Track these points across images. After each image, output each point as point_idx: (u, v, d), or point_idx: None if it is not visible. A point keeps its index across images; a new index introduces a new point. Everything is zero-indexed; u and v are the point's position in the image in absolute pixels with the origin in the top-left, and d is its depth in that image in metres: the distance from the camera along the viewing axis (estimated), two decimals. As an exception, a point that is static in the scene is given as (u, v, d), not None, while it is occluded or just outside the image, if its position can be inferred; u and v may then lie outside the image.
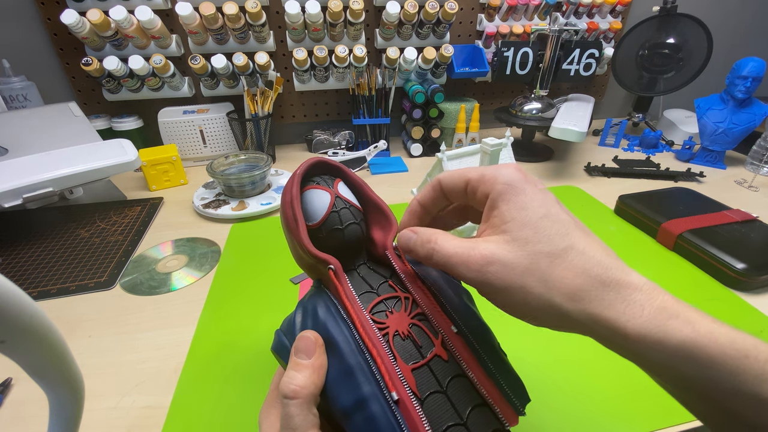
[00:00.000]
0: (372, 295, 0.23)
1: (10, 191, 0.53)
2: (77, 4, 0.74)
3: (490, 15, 0.91)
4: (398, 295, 0.23)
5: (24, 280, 0.51)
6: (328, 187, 0.25)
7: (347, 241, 0.25)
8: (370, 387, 0.19)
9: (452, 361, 0.20)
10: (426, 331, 0.21)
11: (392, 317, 0.21)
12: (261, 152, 0.73)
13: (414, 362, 0.20)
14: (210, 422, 0.34)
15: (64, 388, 0.21)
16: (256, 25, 0.77)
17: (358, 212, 0.26)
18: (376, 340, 0.20)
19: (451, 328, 0.21)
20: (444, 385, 0.19)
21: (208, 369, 0.39)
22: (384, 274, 0.25)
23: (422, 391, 0.19)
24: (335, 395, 0.20)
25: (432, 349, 0.20)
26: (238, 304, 0.47)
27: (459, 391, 0.19)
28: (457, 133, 0.87)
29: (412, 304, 0.22)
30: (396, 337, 0.21)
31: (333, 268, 0.22)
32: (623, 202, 0.63)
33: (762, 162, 0.79)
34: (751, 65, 0.74)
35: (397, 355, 0.20)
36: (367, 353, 0.20)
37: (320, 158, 0.27)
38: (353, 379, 0.19)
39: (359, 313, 0.21)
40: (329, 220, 0.24)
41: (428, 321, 0.22)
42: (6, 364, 0.25)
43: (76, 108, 0.72)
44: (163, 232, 0.62)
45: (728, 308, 0.45)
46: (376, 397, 0.18)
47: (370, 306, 0.22)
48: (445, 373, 0.20)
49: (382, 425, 0.18)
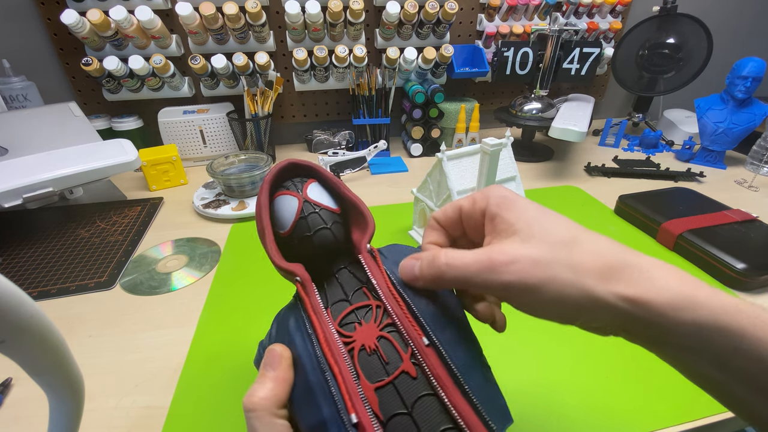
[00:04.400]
0: (345, 304, 0.22)
1: (10, 191, 0.53)
2: (77, 4, 0.74)
3: (490, 15, 0.91)
4: (370, 303, 0.21)
5: (24, 280, 0.51)
6: (297, 192, 0.24)
7: (317, 247, 0.24)
8: (329, 409, 0.18)
9: (421, 378, 0.18)
10: (395, 345, 0.19)
11: (360, 329, 0.20)
12: (261, 152, 0.73)
13: (379, 380, 0.18)
14: (210, 422, 0.34)
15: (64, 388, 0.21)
16: (256, 25, 0.77)
17: (330, 215, 0.24)
18: (339, 357, 0.19)
19: (422, 339, 0.19)
20: (410, 406, 0.17)
21: (208, 369, 0.38)
22: (361, 279, 0.23)
23: (385, 413, 0.17)
24: (299, 414, 0.19)
25: (400, 364, 0.18)
26: (238, 304, 0.47)
27: (427, 413, 0.17)
28: (457, 133, 0.87)
29: (383, 313, 0.20)
30: (362, 352, 0.19)
31: (299, 279, 0.22)
32: (623, 202, 0.63)
33: (762, 162, 0.79)
34: (751, 65, 0.74)
35: (360, 373, 0.18)
36: (328, 372, 0.18)
37: (290, 161, 0.26)
38: (314, 399, 0.18)
39: (324, 328, 0.20)
40: (298, 227, 0.24)
41: (399, 332, 0.20)
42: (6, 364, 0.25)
43: (76, 108, 0.72)
44: (163, 232, 0.62)
45: (728, 308, 0.45)
46: (335, 419, 0.17)
47: (341, 317, 0.21)
48: (413, 391, 0.18)
49: None
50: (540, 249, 0.18)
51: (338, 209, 0.25)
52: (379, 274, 0.22)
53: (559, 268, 0.18)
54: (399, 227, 0.61)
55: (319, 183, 0.26)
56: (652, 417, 0.34)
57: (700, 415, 0.33)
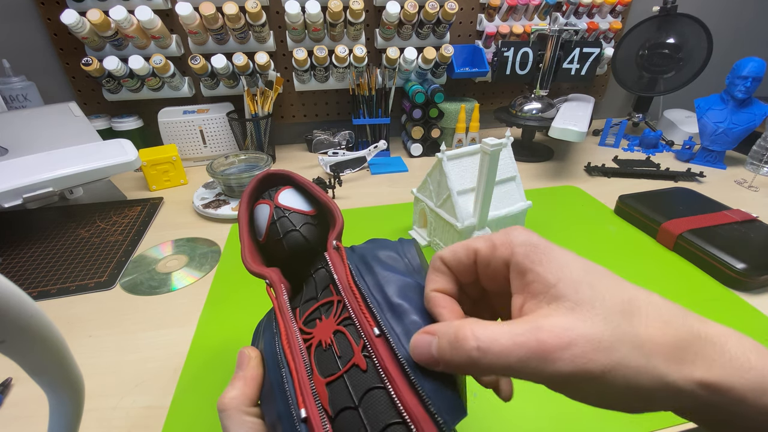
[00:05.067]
0: (313, 301, 0.22)
1: (10, 191, 0.53)
2: (77, 4, 0.74)
3: (490, 15, 0.91)
4: (333, 298, 0.21)
5: (24, 280, 0.51)
6: (269, 199, 0.26)
7: (289, 249, 0.24)
8: (283, 404, 0.18)
9: (371, 371, 0.18)
10: (348, 338, 0.19)
11: (320, 325, 0.20)
12: (261, 152, 0.73)
13: (330, 374, 0.18)
14: (210, 422, 0.34)
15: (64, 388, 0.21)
16: (256, 25, 0.77)
17: (301, 217, 0.25)
18: (297, 353, 0.19)
19: (373, 331, 0.18)
20: (357, 400, 0.17)
21: (208, 369, 0.38)
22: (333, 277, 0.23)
23: (334, 408, 0.17)
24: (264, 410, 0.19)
25: (351, 357, 0.18)
26: (238, 304, 0.47)
27: (374, 407, 0.17)
28: (457, 133, 0.87)
29: (342, 307, 0.20)
30: (318, 347, 0.19)
31: (268, 282, 0.23)
32: (623, 202, 0.63)
33: (762, 162, 0.79)
34: (751, 65, 0.74)
35: (314, 368, 0.18)
36: (285, 368, 0.19)
37: (265, 172, 0.27)
38: (272, 395, 0.18)
39: (287, 325, 0.20)
40: (270, 231, 0.25)
41: (354, 325, 0.19)
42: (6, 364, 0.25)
43: (76, 108, 0.72)
44: (163, 232, 0.62)
45: (728, 308, 0.45)
46: (288, 414, 0.17)
47: (306, 314, 0.21)
48: (361, 385, 0.17)
49: None
50: (597, 324, 0.15)
51: (313, 211, 0.26)
52: (341, 269, 0.22)
53: (624, 349, 0.14)
54: (399, 227, 0.61)
55: (294, 189, 0.27)
56: (652, 417, 0.34)
57: (700, 415, 0.33)
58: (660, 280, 0.50)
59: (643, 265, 0.53)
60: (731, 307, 0.45)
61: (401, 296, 0.20)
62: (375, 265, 0.22)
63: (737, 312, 0.45)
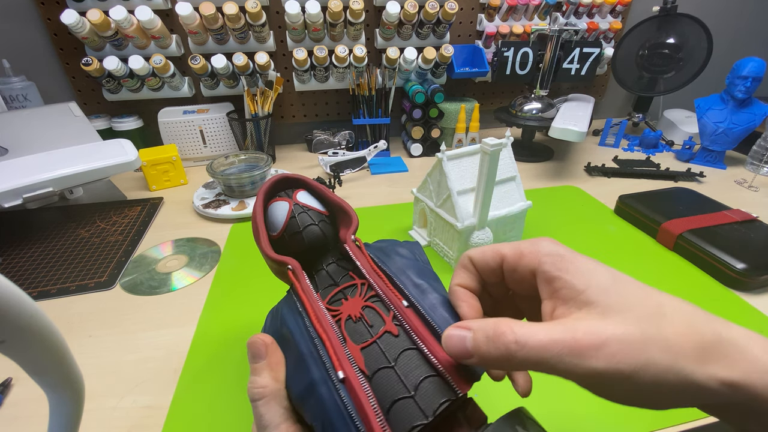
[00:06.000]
0: (333, 287, 0.25)
1: (10, 191, 0.53)
2: (77, 4, 0.74)
3: (490, 15, 0.91)
4: (355, 282, 0.24)
5: (24, 280, 0.51)
6: (287, 197, 0.28)
7: (308, 242, 0.27)
8: (319, 371, 0.19)
9: (403, 336, 0.20)
10: (378, 311, 0.21)
11: (346, 303, 0.22)
12: (261, 152, 0.73)
13: (363, 341, 0.20)
14: (210, 422, 0.34)
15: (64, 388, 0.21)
16: (256, 25, 0.77)
17: (317, 215, 0.28)
18: (327, 326, 0.21)
19: (401, 303, 0.21)
20: (393, 360, 0.19)
21: (208, 369, 0.39)
22: (347, 267, 0.26)
23: (370, 368, 0.19)
24: (291, 384, 0.20)
25: (382, 326, 0.21)
26: (238, 304, 0.47)
27: (409, 365, 0.19)
28: (457, 133, 0.87)
29: (367, 288, 0.23)
30: (348, 321, 0.21)
31: (291, 267, 0.24)
32: (623, 202, 0.63)
33: (762, 162, 0.79)
34: (751, 65, 0.74)
35: (347, 337, 0.20)
36: (317, 339, 0.20)
37: (282, 175, 0.29)
38: (304, 366, 0.20)
39: (314, 304, 0.22)
40: (289, 225, 0.27)
41: (381, 301, 0.22)
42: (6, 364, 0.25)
43: (76, 108, 0.72)
44: (163, 232, 0.62)
45: (728, 308, 0.45)
46: (324, 379, 0.19)
47: (329, 296, 0.23)
48: (395, 347, 0.20)
49: (329, 406, 0.18)
50: (627, 326, 0.16)
51: (326, 212, 0.29)
52: (363, 258, 0.24)
53: (653, 349, 0.15)
54: (399, 227, 0.61)
55: (307, 191, 0.30)
56: (653, 417, 0.34)
57: (700, 414, 0.33)
58: (660, 280, 0.50)
59: (643, 265, 0.53)
60: (731, 307, 0.45)
61: (421, 278, 0.23)
62: (393, 255, 0.25)
63: (737, 312, 0.45)
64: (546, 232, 0.59)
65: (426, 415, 0.17)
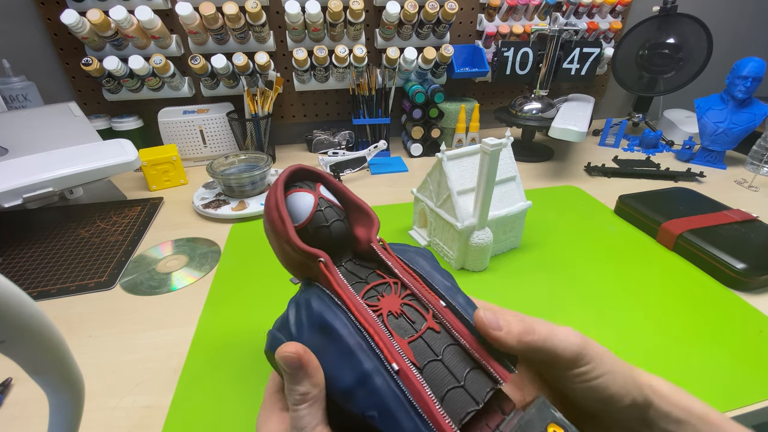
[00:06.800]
0: (362, 284, 0.24)
1: (10, 191, 0.53)
2: (77, 4, 0.74)
3: (490, 15, 0.91)
4: (387, 281, 0.24)
5: (24, 280, 0.51)
6: (311, 189, 0.27)
7: (334, 237, 0.26)
8: (371, 362, 0.20)
9: (444, 332, 0.21)
10: (417, 309, 0.22)
11: (384, 300, 0.23)
12: (261, 152, 0.73)
13: (409, 336, 0.21)
14: (210, 422, 0.34)
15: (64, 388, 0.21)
16: (256, 25, 0.77)
17: (341, 211, 0.28)
18: (372, 320, 0.21)
19: (440, 303, 0.22)
20: (439, 354, 0.20)
21: (208, 369, 0.38)
22: (370, 267, 0.26)
23: (420, 361, 0.20)
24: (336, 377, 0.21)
25: (424, 323, 0.22)
26: (238, 304, 0.47)
27: (454, 358, 0.20)
28: (457, 133, 0.87)
29: (401, 287, 0.24)
30: (390, 316, 0.22)
31: (323, 260, 0.24)
32: (623, 202, 0.63)
33: (762, 162, 0.79)
34: (751, 65, 0.74)
35: (392, 332, 0.21)
36: (365, 332, 0.21)
37: (301, 166, 0.28)
38: (353, 358, 0.20)
39: (352, 298, 0.22)
40: (315, 218, 0.26)
41: (418, 300, 0.23)
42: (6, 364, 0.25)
43: (76, 108, 0.72)
44: (163, 232, 0.62)
45: (728, 308, 0.45)
46: (378, 370, 0.20)
47: (362, 293, 0.23)
48: (439, 343, 0.21)
49: (386, 396, 0.19)
50: None
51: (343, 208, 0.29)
52: (392, 258, 0.25)
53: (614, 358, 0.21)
54: (399, 227, 0.61)
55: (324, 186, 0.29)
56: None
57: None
58: (660, 280, 0.50)
59: (643, 265, 0.53)
60: (731, 307, 0.45)
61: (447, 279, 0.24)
62: (415, 257, 0.26)
63: (737, 312, 0.45)
64: (546, 232, 0.59)
65: (477, 401, 0.19)
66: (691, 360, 0.39)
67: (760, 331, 0.42)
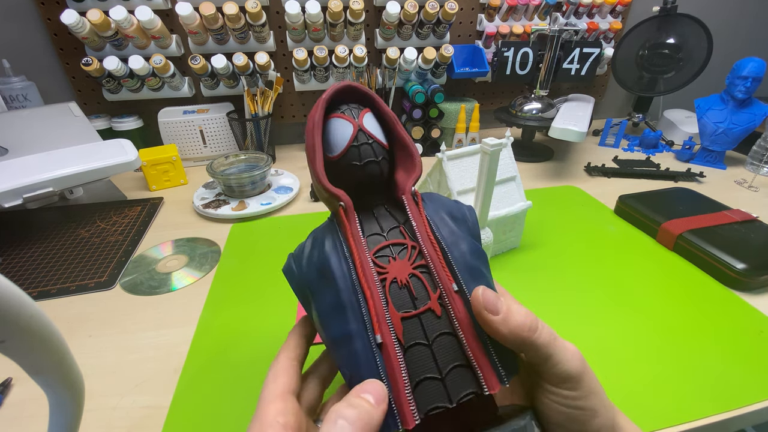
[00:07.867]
0: (380, 238, 0.23)
1: (10, 191, 0.53)
2: (77, 4, 0.74)
3: (490, 15, 0.91)
4: (406, 242, 0.22)
5: (24, 280, 0.51)
6: (353, 118, 0.23)
7: (364, 178, 0.24)
8: (357, 326, 0.19)
9: (445, 318, 0.20)
10: (425, 284, 0.21)
11: (394, 264, 0.21)
12: (261, 152, 0.73)
13: (405, 311, 0.20)
14: (210, 422, 0.34)
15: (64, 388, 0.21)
16: (256, 25, 0.77)
17: (381, 149, 0.24)
18: (372, 284, 0.20)
19: (452, 285, 0.20)
20: (430, 339, 0.19)
21: (208, 369, 0.38)
22: (398, 219, 0.24)
23: (407, 340, 0.19)
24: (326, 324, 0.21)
25: (427, 302, 0.20)
26: (238, 304, 0.47)
27: (444, 348, 0.19)
28: (457, 133, 0.87)
29: (418, 254, 0.22)
30: (393, 284, 0.21)
31: (343, 205, 0.22)
32: (623, 202, 0.63)
33: (762, 162, 0.79)
34: (751, 65, 0.74)
35: (390, 301, 0.20)
36: (360, 294, 0.20)
37: (350, 83, 0.24)
38: (343, 315, 0.20)
39: (362, 254, 0.21)
40: (348, 154, 0.23)
41: (430, 274, 0.21)
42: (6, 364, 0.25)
43: (76, 108, 0.72)
44: (163, 232, 0.62)
45: (728, 308, 0.45)
46: (361, 336, 0.19)
47: (375, 249, 0.22)
48: (435, 327, 0.20)
49: (362, 362, 0.19)
50: None
51: (387, 146, 0.25)
52: (419, 218, 0.23)
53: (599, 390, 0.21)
54: (399, 227, 0.61)
55: (373, 114, 0.25)
56: (652, 417, 0.34)
57: (700, 414, 0.33)
58: (660, 281, 0.50)
59: (643, 265, 0.53)
60: (731, 307, 0.45)
61: (474, 258, 0.22)
62: (449, 220, 0.23)
63: (737, 312, 0.45)
64: (546, 233, 0.59)
65: (451, 400, 0.18)
66: (690, 360, 0.39)
67: (760, 331, 0.42)
